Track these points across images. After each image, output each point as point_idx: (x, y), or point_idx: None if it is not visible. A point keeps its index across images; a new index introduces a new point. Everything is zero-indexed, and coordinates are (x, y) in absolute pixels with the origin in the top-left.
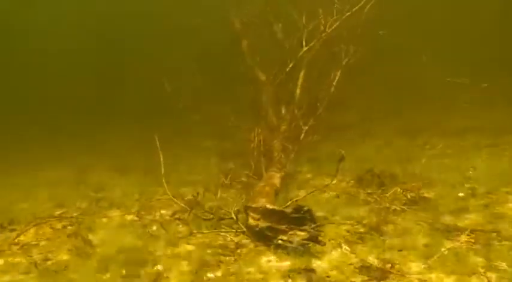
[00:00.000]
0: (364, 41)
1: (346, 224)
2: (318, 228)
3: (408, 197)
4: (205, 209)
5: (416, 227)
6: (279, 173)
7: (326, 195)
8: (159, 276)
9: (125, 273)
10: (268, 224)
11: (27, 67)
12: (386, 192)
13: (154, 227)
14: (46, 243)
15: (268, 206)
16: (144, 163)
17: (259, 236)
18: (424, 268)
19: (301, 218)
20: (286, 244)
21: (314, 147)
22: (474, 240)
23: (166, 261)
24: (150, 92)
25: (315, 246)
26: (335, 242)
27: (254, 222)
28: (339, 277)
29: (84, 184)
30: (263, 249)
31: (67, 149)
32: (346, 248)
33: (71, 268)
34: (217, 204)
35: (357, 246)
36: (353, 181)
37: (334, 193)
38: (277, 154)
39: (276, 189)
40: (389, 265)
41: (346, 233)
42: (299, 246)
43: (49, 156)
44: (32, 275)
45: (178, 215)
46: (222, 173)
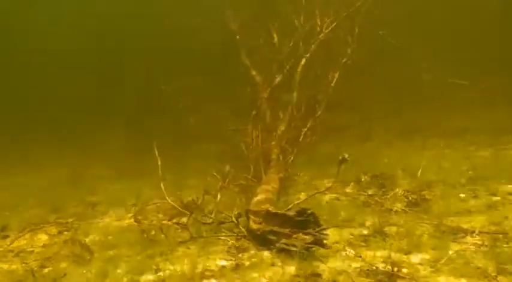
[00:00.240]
0: (363, 41)
1: (349, 226)
2: (322, 232)
3: (409, 198)
4: (205, 213)
5: (420, 229)
6: (278, 175)
7: (326, 197)
8: None
9: (126, 280)
10: (270, 227)
11: (27, 67)
12: (387, 194)
13: (153, 232)
14: (42, 250)
15: (270, 209)
16: (141, 165)
17: (261, 240)
18: (432, 271)
19: (305, 221)
20: (290, 248)
21: (313, 148)
22: (481, 242)
23: (168, 266)
24: (150, 92)
25: (319, 249)
26: (339, 245)
27: (256, 226)
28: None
29: (80, 187)
30: (266, 253)
31: (64, 150)
32: (351, 251)
33: (69, 275)
34: (217, 207)
35: (362, 250)
36: (353, 183)
37: (334, 195)
38: (276, 156)
39: (276, 192)
40: (396, 268)
41: (350, 236)
42: (303, 250)
43: (46, 157)
44: None
45: (177, 219)
46: (220, 175)
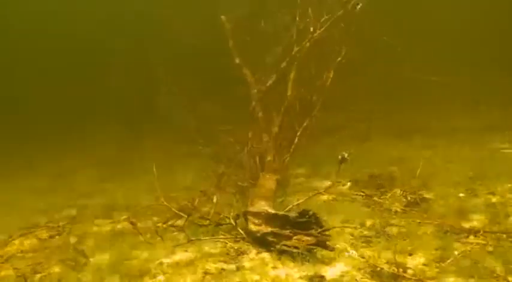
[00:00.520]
0: (358, 41)
1: (349, 227)
2: (324, 233)
3: (408, 198)
4: (201, 215)
5: (421, 229)
6: (274, 176)
7: (324, 198)
8: None
9: None
10: (271, 229)
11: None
12: (385, 194)
13: (149, 235)
14: (33, 255)
15: (270, 210)
16: (134, 167)
17: (261, 241)
18: (438, 272)
19: (306, 222)
20: (292, 250)
21: (308, 149)
22: (485, 242)
23: (166, 270)
24: (144, 93)
25: (321, 251)
26: (340, 246)
27: (255, 228)
28: None
29: (71, 190)
30: (266, 255)
31: (55, 152)
32: (354, 252)
33: (64, 281)
34: (213, 209)
35: (364, 250)
36: (350, 183)
37: (332, 196)
38: (271, 157)
39: (273, 193)
40: (401, 269)
41: (351, 237)
42: (305, 251)
43: (38, 158)
44: None
45: (172, 221)
46: (216, 177)
